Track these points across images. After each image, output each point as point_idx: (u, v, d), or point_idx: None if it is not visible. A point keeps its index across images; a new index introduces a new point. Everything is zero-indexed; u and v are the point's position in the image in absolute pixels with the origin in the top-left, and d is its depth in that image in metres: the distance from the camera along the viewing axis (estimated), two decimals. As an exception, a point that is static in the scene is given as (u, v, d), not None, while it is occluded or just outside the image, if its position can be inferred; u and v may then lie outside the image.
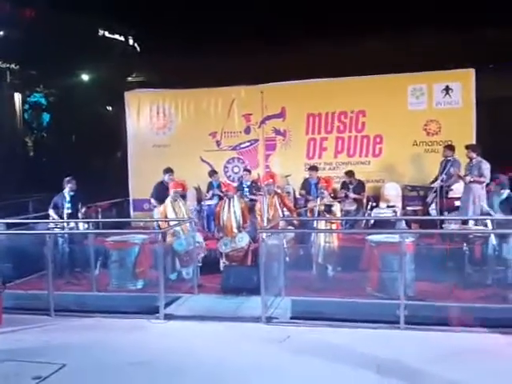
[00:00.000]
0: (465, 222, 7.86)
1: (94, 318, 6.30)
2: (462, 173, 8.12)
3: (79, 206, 8.23)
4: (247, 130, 10.65)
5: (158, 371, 4.87)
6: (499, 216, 6.80)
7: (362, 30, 13.88)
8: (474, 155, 7.98)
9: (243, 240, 7.78)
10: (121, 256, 7.46)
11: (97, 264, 7.46)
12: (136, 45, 19.39)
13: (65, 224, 8.28)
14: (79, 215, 8.23)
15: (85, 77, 17.84)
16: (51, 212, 8.45)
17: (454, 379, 4.44)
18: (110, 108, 18.62)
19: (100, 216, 9.39)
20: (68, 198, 8.43)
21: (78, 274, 7.79)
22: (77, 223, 8.26)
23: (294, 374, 4.71)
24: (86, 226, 8.29)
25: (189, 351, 5.24)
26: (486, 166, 7.82)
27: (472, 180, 7.83)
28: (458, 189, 8.42)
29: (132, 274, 7.39)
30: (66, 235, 8.08)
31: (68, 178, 8.56)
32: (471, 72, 9.55)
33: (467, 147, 8.13)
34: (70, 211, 8.35)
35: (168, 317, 6.27)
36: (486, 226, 7.14)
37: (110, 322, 6.22)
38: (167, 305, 6.51)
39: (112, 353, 5.29)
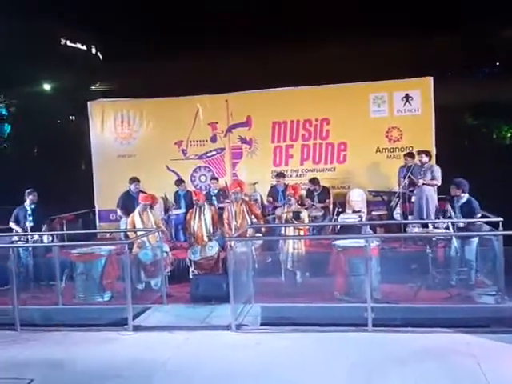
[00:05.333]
0: (424, 225, 8.08)
1: (61, 331, 6.19)
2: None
3: (44, 221, 8.11)
4: (213, 139, 10.66)
5: None
6: (460, 219, 7.02)
7: (326, 41, 14.18)
8: (426, 159, 8.30)
9: (213, 249, 7.78)
10: (87, 268, 7.33)
11: (63, 277, 7.32)
12: (99, 54, 19.22)
13: (28, 237, 8.09)
14: (42, 229, 8.08)
15: (47, 86, 17.56)
16: (12, 225, 8.27)
17: (419, 378, 4.58)
18: (73, 118, 18.35)
19: (65, 228, 9.24)
20: (29, 211, 8.26)
21: (44, 287, 7.62)
22: (41, 236, 8.09)
23: (264, 380, 4.74)
24: (51, 238, 8.12)
25: (159, 362, 5.21)
26: (438, 170, 8.20)
27: (424, 183, 8.15)
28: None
29: (99, 285, 7.28)
30: (30, 248, 7.90)
31: (29, 190, 8.38)
32: (430, 80, 9.85)
33: (419, 152, 8.47)
34: (31, 224, 8.18)
35: (137, 328, 6.21)
36: (447, 228, 7.37)
37: (78, 335, 6.12)
38: (136, 316, 6.46)
39: (81, 367, 5.21)
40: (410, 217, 8.51)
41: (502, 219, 6.63)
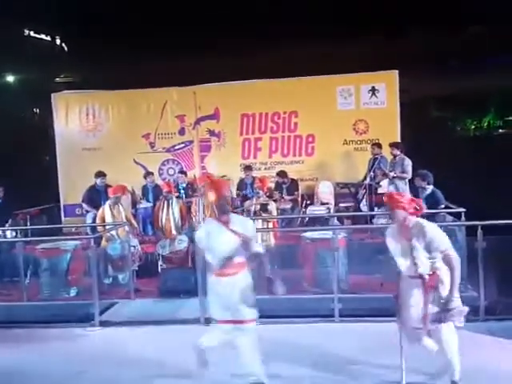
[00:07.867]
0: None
1: (26, 328, 6.06)
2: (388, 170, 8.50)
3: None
4: (181, 132, 10.56)
5: (94, 381, 4.76)
6: (425, 210, 7.14)
7: (294, 34, 14.21)
8: (397, 152, 8.41)
9: (183, 243, 7.73)
10: (52, 263, 7.20)
11: (27, 273, 7.17)
12: (64, 45, 18.79)
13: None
14: (6, 225, 7.93)
15: (9, 78, 17.06)
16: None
17: (384, 368, 4.65)
18: (36, 110, 17.90)
19: (29, 223, 9.05)
20: (-5, 206, 8.12)
21: (7, 284, 7.44)
22: (4, 231, 7.90)
23: (233, 373, 4.74)
24: (14, 233, 7.95)
25: (126, 358, 5.15)
26: (408, 163, 8.26)
27: (395, 176, 8.24)
28: (386, 184, 8.78)
29: (64, 281, 7.16)
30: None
31: None
32: (395, 73, 9.99)
33: (391, 145, 8.56)
34: (-4, 219, 8.02)
35: (104, 324, 6.14)
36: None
37: (43, 332, 6.02)
38: (103, 311, 6.39)
39: (46, 364, 5.12)
40: (376, 208, 8.63)
41: (464, 210, 6.79)
